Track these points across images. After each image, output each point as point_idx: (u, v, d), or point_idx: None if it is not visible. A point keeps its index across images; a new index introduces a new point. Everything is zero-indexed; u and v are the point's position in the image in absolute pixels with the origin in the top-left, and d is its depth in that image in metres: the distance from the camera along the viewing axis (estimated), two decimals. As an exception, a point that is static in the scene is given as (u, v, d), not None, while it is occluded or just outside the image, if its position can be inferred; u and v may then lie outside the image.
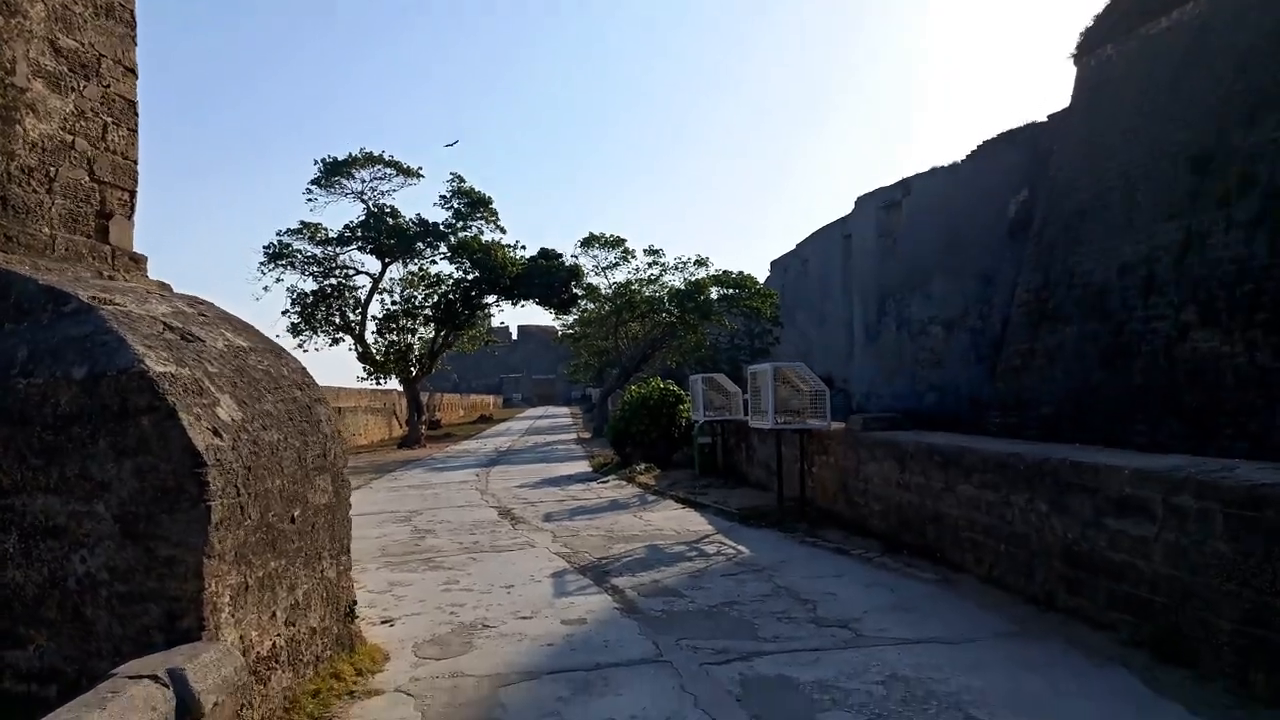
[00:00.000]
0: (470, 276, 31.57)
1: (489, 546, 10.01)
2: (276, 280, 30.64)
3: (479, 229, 32.05)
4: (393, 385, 34.27)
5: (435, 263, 32.60)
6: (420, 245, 31.19)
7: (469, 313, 32.19)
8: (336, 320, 31.15)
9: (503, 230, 32.41)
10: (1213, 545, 4.80)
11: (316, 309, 30.70)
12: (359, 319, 31.39)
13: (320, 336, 31.03)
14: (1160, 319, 12.57)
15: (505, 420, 54.78)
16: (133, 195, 6.00)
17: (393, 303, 32.27)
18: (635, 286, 35.14)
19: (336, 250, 30.81)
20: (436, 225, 31.17)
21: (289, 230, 30.33)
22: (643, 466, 17.66)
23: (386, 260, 31.04)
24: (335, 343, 31.54)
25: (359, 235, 30.36)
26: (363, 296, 31.54)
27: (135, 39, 6.18)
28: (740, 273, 34.28)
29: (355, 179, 30.63)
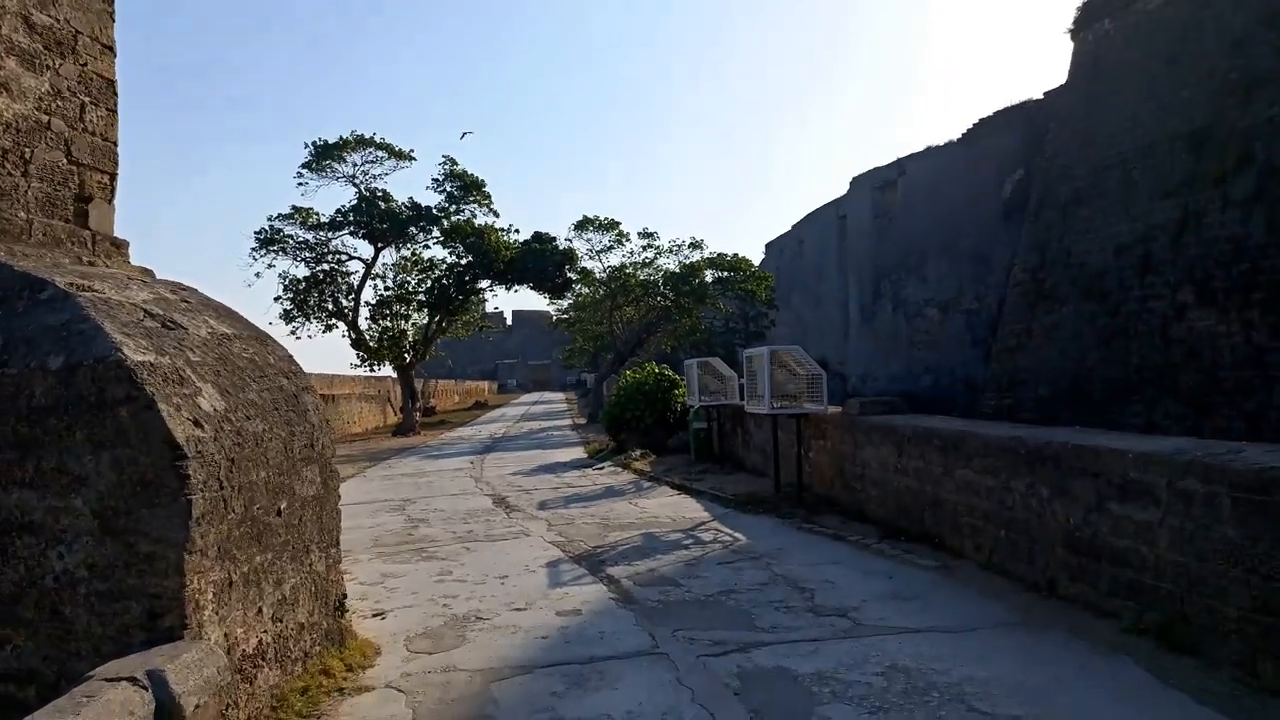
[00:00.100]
0: (464, 261, 31.35)
1: (483, 536, 9.91)
2: (268, 266, 30.41)
3: (472, 212, 31.83)
4: (387, 372, 34.11)
5: (428, 247, 32.42)
6: (413, 229, 30.92)
7: (463, 298, 31.98)
8: (329, 307, 30.92)
9: (496, 214, 32.23)
10: (1220, 530, 4.70)
11: (309, 295, 30.45)
12: (352, 305, 31.18)
13: (313, 323, 30.83)
14: (1157, 299, 12.46)
15: (500, 406, 54.70)
16: (113, 178, 5.82)
17: (386, 288, 32.06)
18: (630, 270, 34.94)
19: (329, 235, 30.55)
20: (429, 209, 30.90)
21: (280, 215, 30.09)
22: (638, 452, 17.57)
23: (379, 245, 30.79)
24: (328, 329, 31.34)
25: (351, 220, 30.09)
26: (356, 282, 31.34)
27: (113, 15, 5.98)
28: (735, 255, 34.13)
29: (346, 162, 30.33)
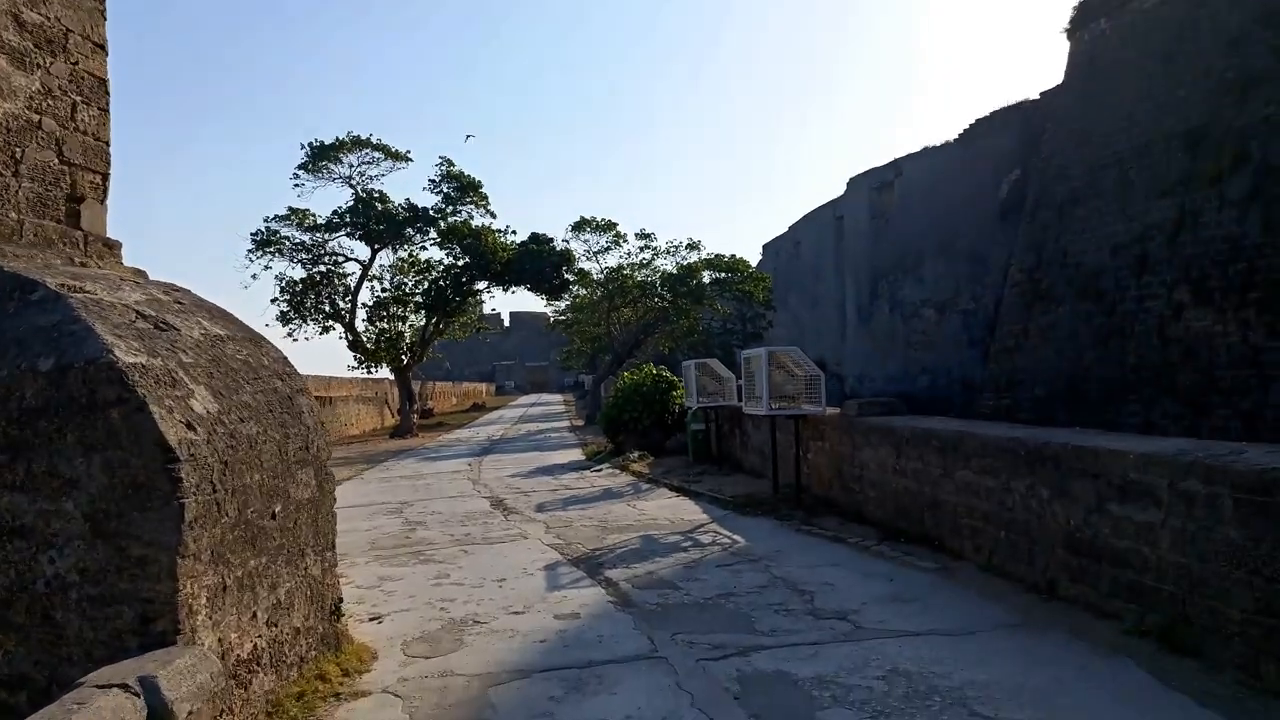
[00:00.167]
0: (461, 262, 31.28)
1: (481, 538, 9.86)
2: (265, 268, 30.30)
3: (469, 214, 31.77)
4: (384, 374, 34.01)
5: (425, 249, 32.37)
6: (410, 231, 30.87)
7: (460, 299, 31.91)
8: (326, 308, 30.83)
9: (493, 215, 32.17)
10: (1222, 531, 4.67)
11: (306, 297, 30.37)
12: (349, 307, 31.09)
13: (310, 325, 30.74)
14: (1153, 298, 12.45)
15: (498, 408, 54.60)
16: (105, 178, 5.77)
17: (383, 290, 31.99)
18: (627, 271, 34.90)
19: (325, 237, 30.47)
20: (426, 210, 30.84)
21: (277, 216, 30.00)
22: (636, 454, 17.52)
23: (376, 246, 30.72)
24: (325, 331, 31.25)
25: (348, 221, 30.02)
26: (352, 284, 31.23)
27: (105, 13, 5.93)
28: (733, 256, 34.08)
29: (343, 163, 30.27)
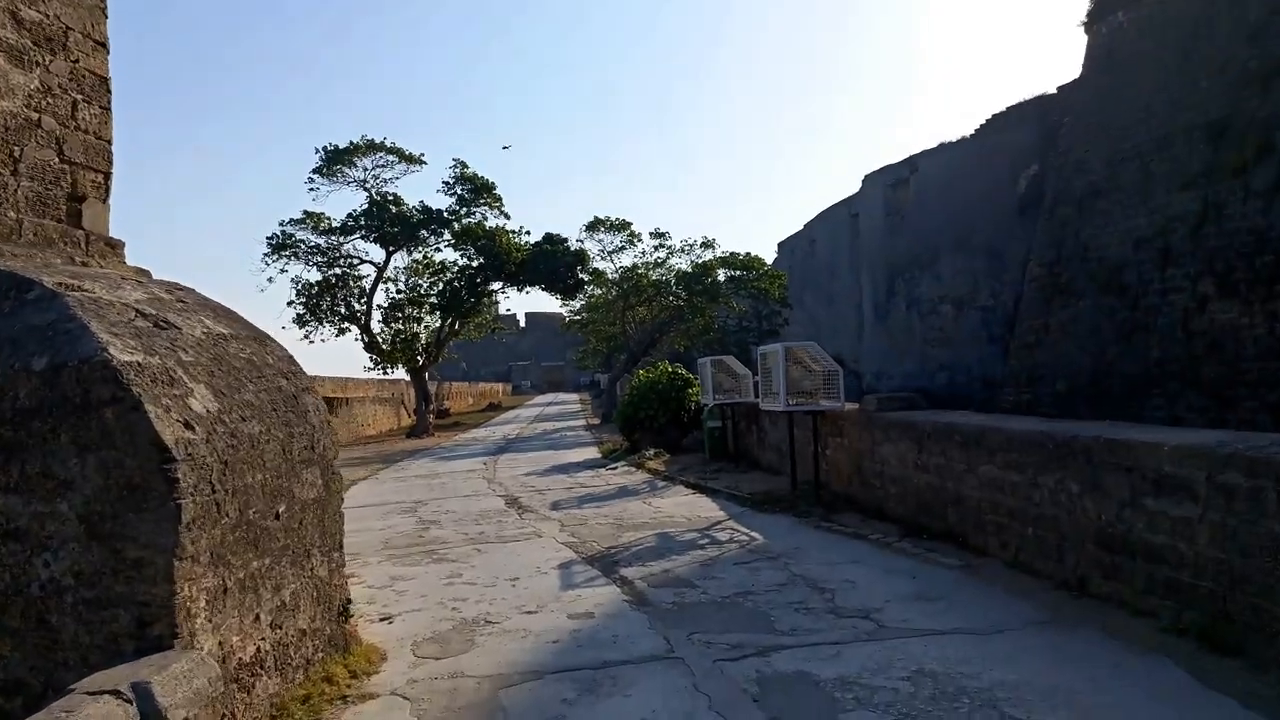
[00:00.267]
0: (475, 263, 31.24)
1: (495, 537, 9.73)
2: (281, 271, 30.36)
3: (483, 215, 31.72)
4: (400, 375, 34.03)
5: (439, 250, 32.33)
6: (424, 233, 30.85)
7: (474, 300, 31.87)
8: (342, 310, 30.88)
9: (507, 216, 32.10)
10: (1265, 525, 4.45)
11: (321, 299, 30.43)
12: (364, 308, 31.13)
13: (326, 327, 30.80)
14: (1177, 291, 12.17)
15: (514, 408, 54.60)
16: (107, 177, 5.69)
17: (397, 291, 32.03)
18: (642, 270, 34.74)
19: (340, 239, 30.51)
20: (440, 212, 30.81)
21: (292, 220, 30.06)
22: (652, 452, 17.37)
23: (390, 249, 30.74)
24: (341, 333, 31.32)
25: (362, 224, 30.04)
26: (367, 286, 31.26)
27: (106, 11, 5.85)
28: (747, 254, 33.82)
29: (357, 167, 30.30)
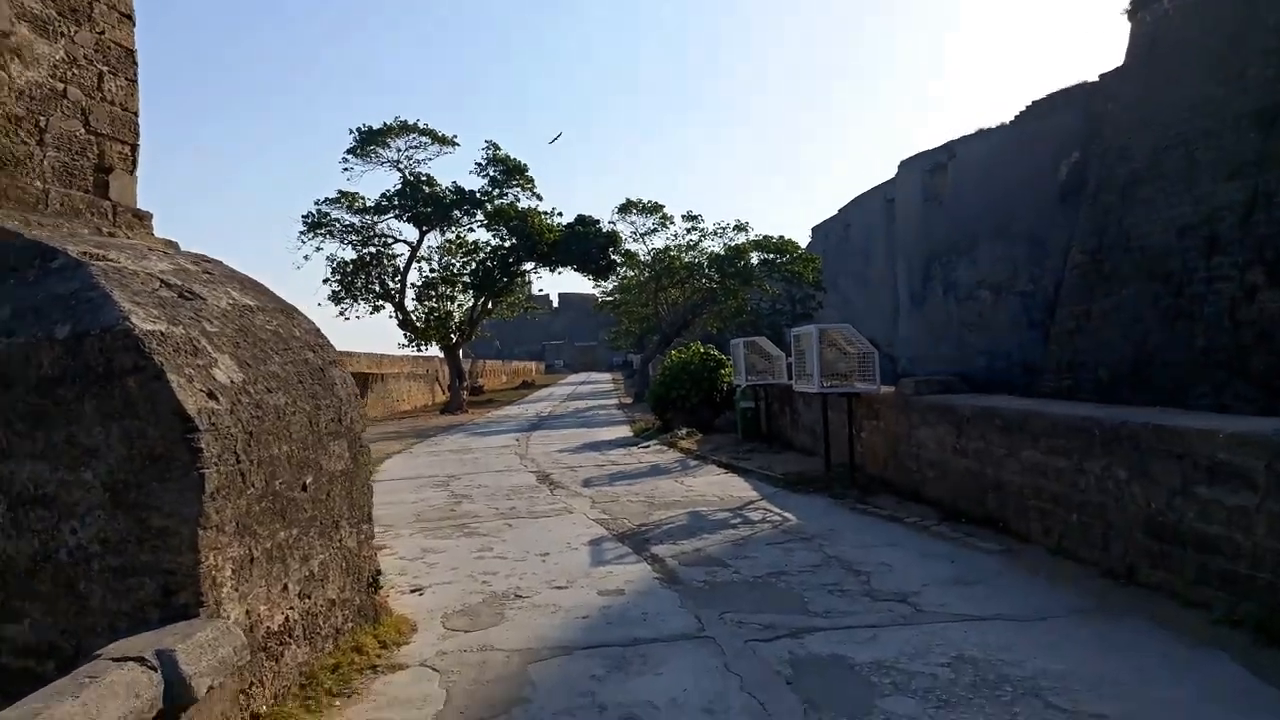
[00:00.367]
0: (507, 244, 31.27)
1: (526, 512, 9.71)
2: (316, 249, 30.72)
3: (515, 196, 31.68)
4: (435, 352, 34.27)
5: (472, 230, 32.41)
6: (457, 213, 30.93)
7: (507, 280, 31.92)
8: (376, 288, 31.14)
9: (539, 197, 32.04)
10: (1330, 513, 4.22)
11: (356, 277, 30.71)
12: (398, 287, 31.34)
13: (361, 304, 31.11)
14: (1224, 280, 11.76)
15: (547, 386, 54.80)
16: (134, 149, 5.65)
17: (431, 270, 32.18)
18: (674, 253, 34.52)
19: (374, 219, 30.72)
20: (473, 193, 30.85)
21: (327, 199, 30.32)
22: (684, 431, 17.25)
23: (424, 228, 30.88)
24: (376, 310, 31.62)
25: (396, 204, 30.20)
26: (401, 264, 31.48)
27: (133, -19, 5.80)
28: (781, 237, 33.42)
29: (391, 148, 30.41)
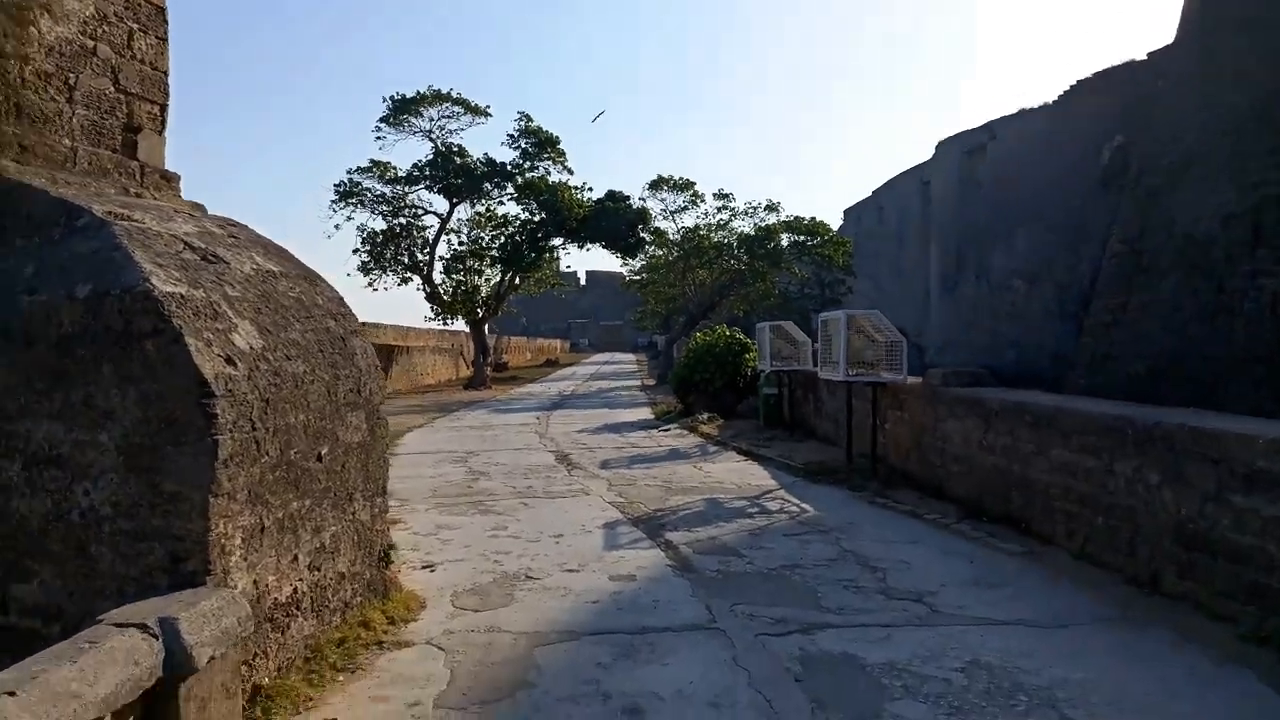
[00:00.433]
0: (537, 218, 31.19)
1: (542, 492, 9.69)
2: (347, 219, 30.83)
3: (546, 169, 31.55)
4: (460, 326, 34.37)
5: (502, 203, 32.34)
6: (487, 185, 30.86)
7: (535, 255, 31.86)
8: (405, 260, 31.22)
9: (570, 171, 31.88)
10: (1374, 533, 4.05)
11: (386, 248, 30.80)
12: (427, 259, 31.39)
13: (389, 275, 31.22)
14: (1268, 275, 11.33)
15: (571, 365, 54.89)
16: (164, 109, 5.61)
17: (460, 243, 32.20)
18: (704, 232, 34.25)
19: (405, 189, 30.73)
20: (504, 165, 30.76)
21: (359, 168, 30.37)
22: (705, 416, 17.16)
23: (454, 200, 30.85)
24: (404, 282, 31.72)
25: (427, 174, 30.18)
26: (430, 236, 31.49)
27: (166, -62, 5.74)
28: (812, 219, 33.03)
29: (423, 117, 30.33)
